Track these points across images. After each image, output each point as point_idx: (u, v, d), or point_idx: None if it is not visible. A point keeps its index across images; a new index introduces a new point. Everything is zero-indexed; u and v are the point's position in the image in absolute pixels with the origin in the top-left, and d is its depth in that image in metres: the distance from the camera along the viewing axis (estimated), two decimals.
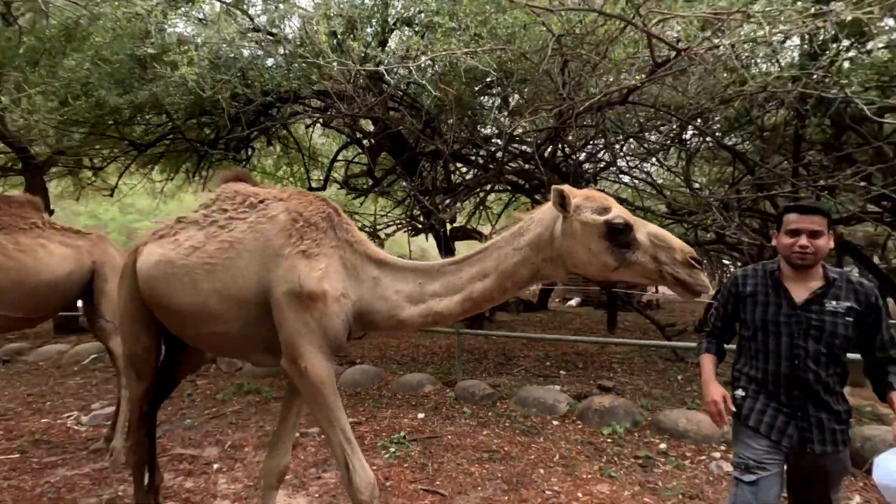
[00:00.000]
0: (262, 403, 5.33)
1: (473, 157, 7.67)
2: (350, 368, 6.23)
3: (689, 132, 7.71)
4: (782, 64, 5.22)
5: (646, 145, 7.94)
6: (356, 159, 10.04)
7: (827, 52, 4.49)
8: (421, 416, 4.88)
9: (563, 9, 3.27)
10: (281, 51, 5.48)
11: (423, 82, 3.68)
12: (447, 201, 6.53)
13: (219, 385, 6.01)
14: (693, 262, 1.74)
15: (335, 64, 3.51)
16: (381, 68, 3.51)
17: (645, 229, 1.80)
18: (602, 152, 7.88)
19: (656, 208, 9.12)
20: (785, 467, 1.96)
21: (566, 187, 1.85)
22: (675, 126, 6.22)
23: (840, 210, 8.84)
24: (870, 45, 5.75)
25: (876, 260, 13.84)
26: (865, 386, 5.34)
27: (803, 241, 1.87)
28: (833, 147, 7.51)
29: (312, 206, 2.29)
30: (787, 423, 1.92)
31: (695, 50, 3.34)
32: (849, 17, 3.63)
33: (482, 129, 7.05)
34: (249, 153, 9.06)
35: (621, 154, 8.44)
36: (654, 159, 9.19)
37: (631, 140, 7.30)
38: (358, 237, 2.31)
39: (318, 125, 8.88)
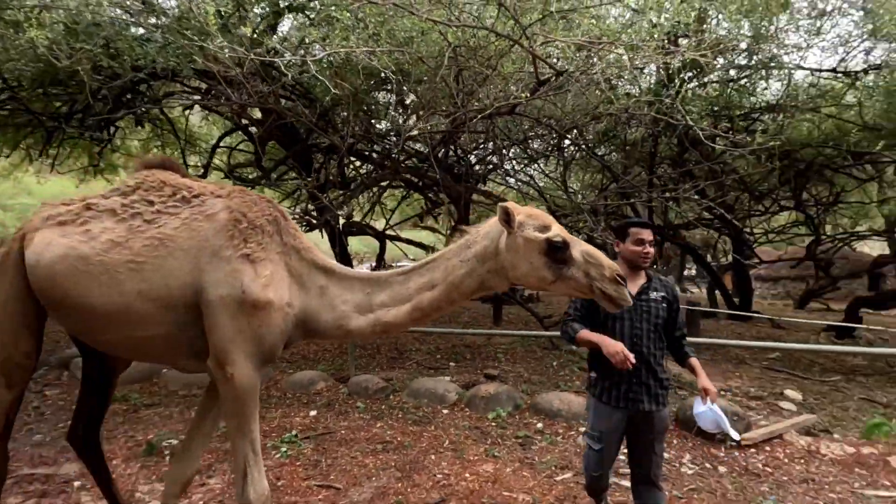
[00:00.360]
0: (130, 412, 4.84)
1: (368, 153, 7.67)
2: None
3: (567, 142, 8.54)
4: (642, 89, 6.05)
5: (529, 151, 8.64)
6: (241, 147, 9.43)
7: (674, 83, 5.31)
8: (313, 413, 4.82)
9: (458, 25, 3.48)
10: (154, 21, 4.97)
11: (320, 77, 3.63)
12: (342, 197, 6.47)
13: (73, 394, 5.31)
14: (618, 279, 1.92)
15: (226, 50, 3.32)
16: (277, 60, 3.40)
17: (579, 247, 1.94)
18: (491, 156, 8.37)
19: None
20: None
21: (511, 205, 1.96)
22: (554, 136, 6.84)
23: (682, 217, 10.46)
24: (705, 80, 6.89)
25: (709, 258, 16.54)
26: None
27: (648, 248, 2.45)
28: (678, 163, 8.84)
29: (257, 207, 2.15)
30: (628, 389, 2.42)
31: (571, 71, 3.75)
32: (690, 57, 4.36)
33: (378, 125, 7.09)
34: (112, 132, 8.04)
35: (508, 158, 9.06)
36: (536, 165, 10.01)
37: (516, 146, 7.87)
38: (305, 244, 2.22)
39: (199, 108, 8.17)
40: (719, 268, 15.56)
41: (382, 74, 5.21)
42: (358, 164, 8.81)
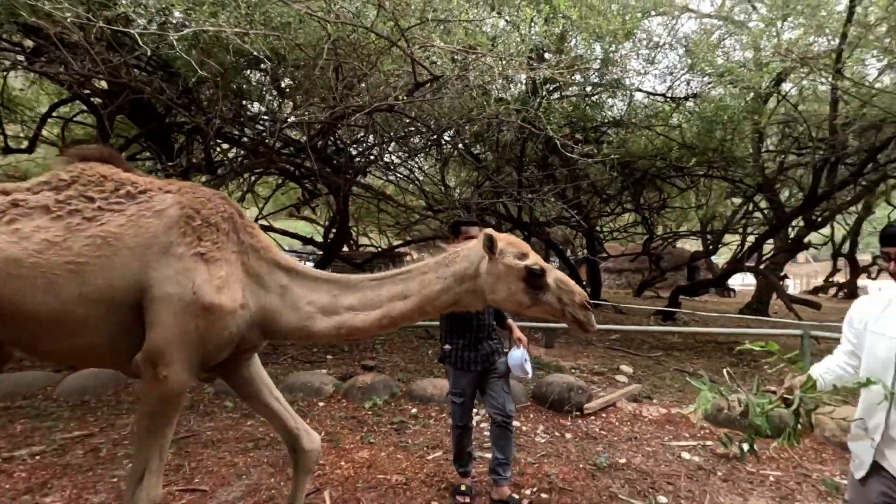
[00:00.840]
0: None
1: (239, 137, 7.19)
2: (74, 374, 5.17)
3: (445, 140, 8.91)
4: (512, 97, 6.58)
5: (410, 146, 8.84)
6: (80, 118, 8.17)
7: (538, 95, 5.89)
8: None
9: (335, 21, 3.48)
10: None
11: (183, 55, 3.36)
12: (208, 183, 5.99)
13: None
14: (586, 304, 2.04)
15: (68, 14, 2.90)
16: (134, 31, 3.07)
17: (553, 275, 2.04)
18: (372, 149, 8.40)
19: (416, 203, 10.23)
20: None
21: (493, 232, 2.04)
22: (433, 134, 7.12)
23: (546, 215, 11.57)
24: (565, 94, 7.71)
25: (568, 253, 18.49)
26: (553, 346, 7.11)
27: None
28: (543, 167, 9.76)
29: (211, 203, 2.03)
30: (476, 355, 3.10)
31: (448, 76, 3.98)
32: (549, 74, 4.89)
33: (251, 108, 6.69)
34: None
35: (389, 152, 9.17)
36: (416, 160, 10.27)
37: (396, 142, 8.01)
38: (264, 243, 2.14)
39: (22, 69, 6.89)
40: (576, 261, 17.46)
41: (255, 55, 4.96)
42: (227, 148, 8.21)
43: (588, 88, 8.21)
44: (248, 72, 6.01)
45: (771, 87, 7.88)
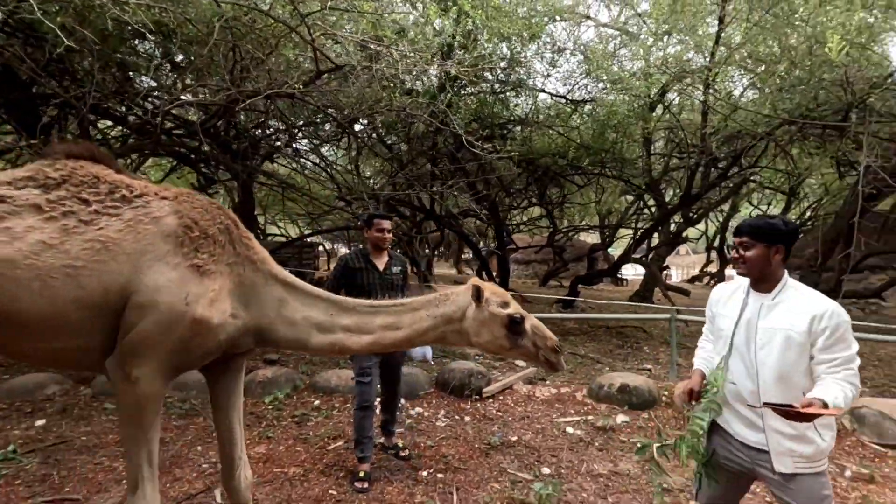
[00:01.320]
0: None
1: (123, 114, 6.53)
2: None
3: (358, 129, 8.78)
4: (422, 90, 6.65)
5: (320, 135, 8.59)
6: None
7: (447, 90, 6.02)
8: (41, 422, 4.04)
9: (230, 1, 3.30)
10: None
11: (46, 22, 2.99)
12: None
13: None
14: (557, 348, 2.24)
15: None
16: None
17: (529, 322, 2.22)
18: (277, 135, 8.05)
19: (328, 193, 9.99)
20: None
21: (480, 282, 2.22)
22: (342, 123, 6.99)
23: (458, 207, 11.87)
24: (474, 90, 7.94)
25: (481, 244, 19.10)
26: None
27: (386, 234, 3.41)
28: (454, 160, 9.98)
29: (209, 214, 2.08)
30: None
31: (353, 66, 3.95)
32: (455, 71, 5.02)
33: (138, 83, 6.11)
34: None
35: (297, 139, 8.84)
36: (328, 148, 10.00)
37: (304, 129, 7.75)
38: (261, 255, 2.20)
39: None
40: (488, 252, 18.11)
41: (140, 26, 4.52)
42: (111, 125, 7.42)
43: (496, 87, 8.53)
44: (136, 42, 5.47)
45: (657, 97, 8.73)
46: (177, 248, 1.97)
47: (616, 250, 21.66)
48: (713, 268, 23.63)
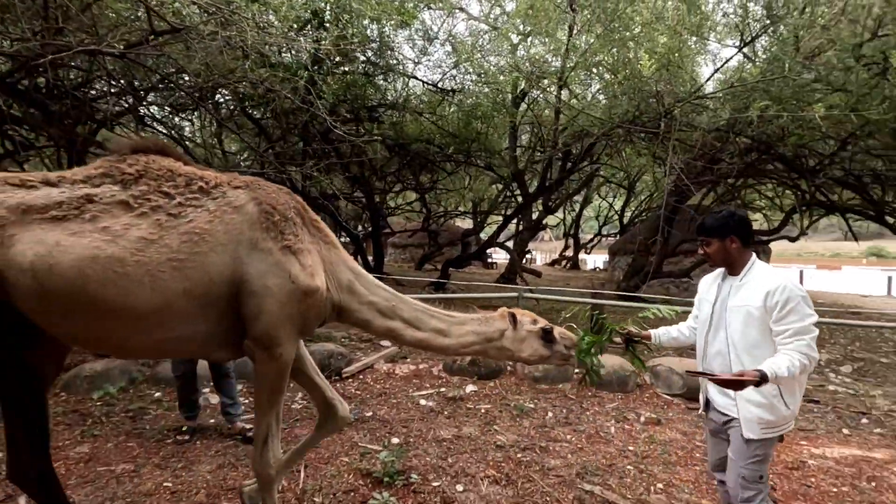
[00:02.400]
0: None
1: None
2: None
3: (221, 100, 8.07)
4: (285, 64, 6.34)
5: (173, 103, 7.73)
6: None
7: (309, 68, 5.84)
8: None
9: None
10: None
11: None
12: None
13: None
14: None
15: None
16: None
17: (556, 330, 2.55)
18: (118, 98, 7.06)
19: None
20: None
21: (512, 310, 2.58)
22: (193, 91, 6.39)
23: (332, 188, 11.59)
24: (342, 70, 7.78)
25: (359, 228, 18.92)
26: None
27: None
28: (328, 140, 9.71)
29: (282, 199, 2.22)
30: None
31: (192, 28, 3.64)
32: (314, 47, 4.91)
33: None
34: None
35: (145, 104, 7.87)
36: (184, 117, 9.05)
37: (155, 92, 6.93)
38: (331, 238, 2.41)
39: None
40: (364, 236, 18.04)
41: None
42: None
43: (368, 68, 8.45)
44: None
45: (520, 93, 9.41)
46: (265, 234, 2.10)
47: (487, 235, 23.03)
48: (570, 252, 26.37)
